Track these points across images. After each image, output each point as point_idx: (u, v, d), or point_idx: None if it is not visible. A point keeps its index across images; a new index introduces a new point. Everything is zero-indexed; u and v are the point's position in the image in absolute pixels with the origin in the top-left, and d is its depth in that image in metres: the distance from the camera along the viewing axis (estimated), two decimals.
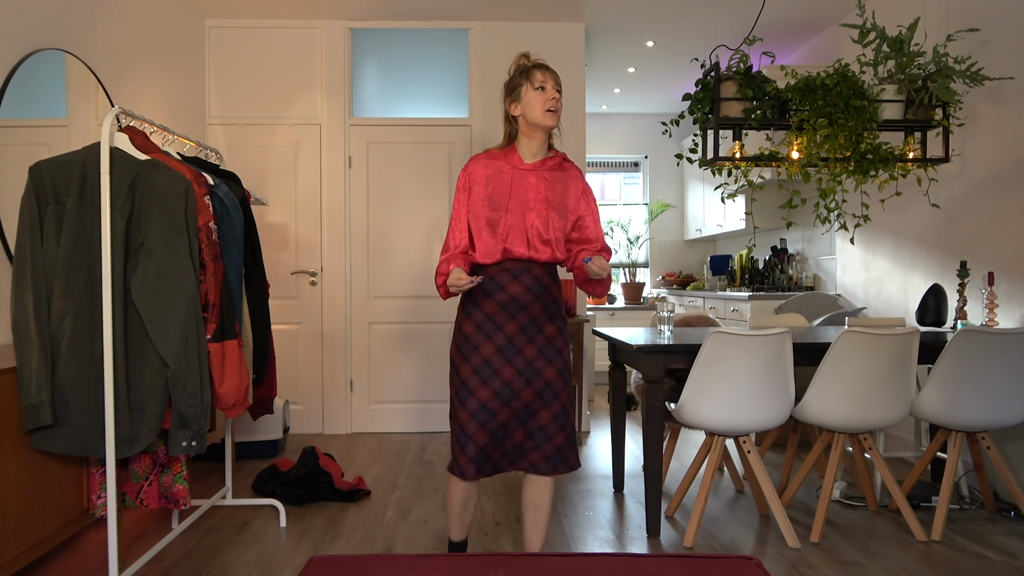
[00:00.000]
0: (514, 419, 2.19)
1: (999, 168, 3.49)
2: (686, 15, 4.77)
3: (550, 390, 2.19)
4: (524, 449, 2.22)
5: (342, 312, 4.87)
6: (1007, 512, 3.19)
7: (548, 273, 2.25)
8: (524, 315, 2.19)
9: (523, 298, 2.19)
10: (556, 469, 2.21)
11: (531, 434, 2.21)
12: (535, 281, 2.21)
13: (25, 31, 2.85)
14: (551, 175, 2.26)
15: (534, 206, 2.21)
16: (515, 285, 2.19)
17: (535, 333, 2.20)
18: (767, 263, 5.71)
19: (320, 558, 1.55)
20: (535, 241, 2.19)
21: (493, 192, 2.21)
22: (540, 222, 2.20)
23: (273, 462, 3.63)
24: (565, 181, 2.29)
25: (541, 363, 2.19)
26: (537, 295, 2.21)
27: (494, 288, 2.20)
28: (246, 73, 4.83)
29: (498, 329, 2.19)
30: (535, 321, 2.20)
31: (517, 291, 2.19)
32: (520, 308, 2.19)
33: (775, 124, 3.44)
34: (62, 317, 2.26)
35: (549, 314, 2.23)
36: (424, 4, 4.61)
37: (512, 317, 2.19)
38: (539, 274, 2.22)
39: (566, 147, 4.94)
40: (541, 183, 2.23)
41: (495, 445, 2.19)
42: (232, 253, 2.63)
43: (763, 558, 2.72)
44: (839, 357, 2.81)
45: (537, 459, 2.21)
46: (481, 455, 2.17)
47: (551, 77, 2.22)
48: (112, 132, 2.33)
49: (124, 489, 2.54)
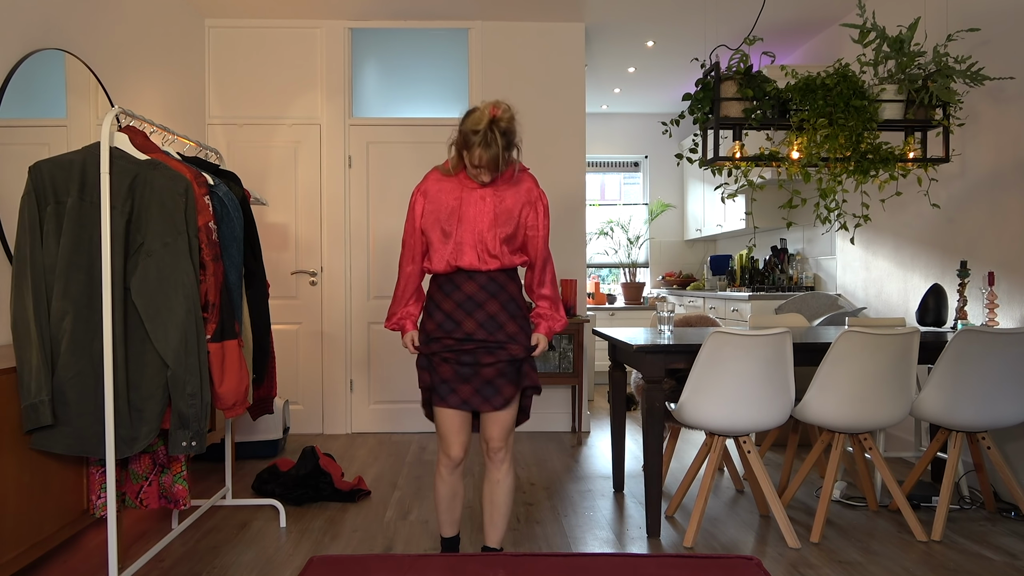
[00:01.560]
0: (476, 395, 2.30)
1: (999, 168, 3.49)
2: (686, 15, 4.77)
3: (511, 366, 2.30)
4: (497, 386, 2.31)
5: (342, 312, 4.86)
6: (1007, 512, 3.19)
7: (504, 273, 2.31)
8: (481, 312, 2.27)
9: (478, 296, 2.27)
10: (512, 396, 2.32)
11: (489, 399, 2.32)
12: (489, 279, 2.28)
13: (25, 31, 2.85)
14: (498, 189, 2.30)
15: (484, 221, 2.26)
16: (470, 284, 2.27)
17: (495, 329, 2.27)
18: (767, 263, 5.71)
19: (320, 558, 1.55)
20: (484, 256, 2.26)
21: (445, 208, 2.29)
22: (490, 236, 2.26)
23: (273, 462, 3.63)
24: (516, 191, 2.31)
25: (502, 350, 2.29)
26: (492, 293, 2.27)
27: (451, 288, 2.30)
28: (246, 73, 4.83)
29: (457, 326, 2.28)
30: (494, 318, 2.27)
31: (472, 289, 2.27)
32: (476, 306, 2.27)
33: (775, 124, 3.44)
34: (62, 317, 2.26)
35: (509, 312, 2.29)
36: (424, 4, 4.61)
37: (469, 315, 2.27)
38: (494, 274, 2.29)
39: (566, 147, 4.95)
40: (491, 198, 2.28)
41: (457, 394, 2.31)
42: (232, 253, 2.63)
43: (763, 558, 2.72)
44: (839, 357, 2.80)
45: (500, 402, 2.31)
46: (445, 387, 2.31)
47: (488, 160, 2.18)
48: (112, 132, 2.33)
49: (124, 489, 2.54)
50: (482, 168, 2.21)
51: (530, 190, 2.34)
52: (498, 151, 2.17)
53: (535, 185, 2.36)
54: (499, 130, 2.17)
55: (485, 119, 2.16)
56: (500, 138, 2.17)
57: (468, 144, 2.19)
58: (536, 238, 2.35)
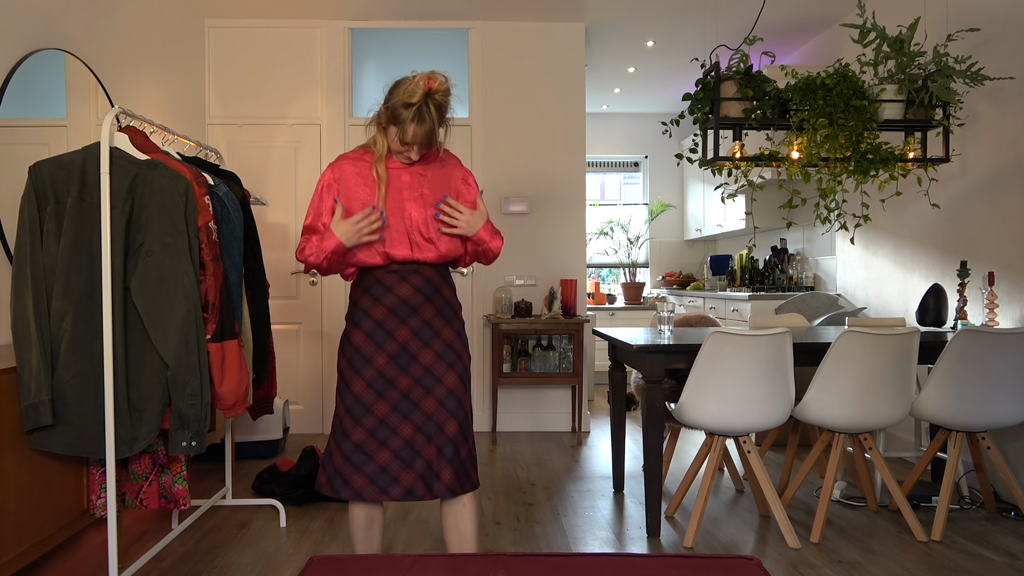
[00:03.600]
0: (419, 434, 2.01)
1: (999, 168, 3.49)
2: (686, 15, 4.77)
3: (453, 398, 2.02)
4: (436, 469, 2.00)
5: (342, 312, 4.86)
6: (1007, 512, 3.19)
7: (438, 274, 2.09)
8: (416, 319, 2.04)
9: (413, 300, 2.04)
10: (463, 488, 2.01)
11: (441, 450, 2.00)
12: (425, 282, 2.05)
13: (25, 31, 2.85)
14: (426, 169, 2.09)
15: (410, 203, 2.04)
16: (403, 287, 2.04)
17: (430, 337, 2.05)
18: (767, 263, 5.71)
19: (320, 558, 1.55)
20: (417, 238, 2.03)
21: (362, 192, 2.04)
22: (419, 218, 2.03)
23: (273, 462, 3.63)
24: (443, 172, 2.11)
25: (440, 368, 2.03)
26: (428, 296, 2.06)
27: (381, 292, 2.04)
28: (246, 73, 4.83)
29: (389, 336, 2.03)
30: (428, 324, 2.05)
31: (406, 293, 2.04)
32: (411, 311, 2.04)
33: (775, 124, 3.44)
34: (62, 317, 2.26)
35: (444, 317, 2.08)
36: (424, 4, 4.61)
37: (403, 322, 2.03)
38: (429, 275, 2.06)
39: (566, 147, 4.95)
40: (415, 179, 2.06)
41: (402, 465, 2.00)
42: (232, 253, 2.63)
43: (763, 558, 2.72)
44: (839, 357, 2.80)
45: (449, 478, 1.99)
46: (385, 475, 1.99)
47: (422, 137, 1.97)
48: (112, 132, 2.33)
49: (124, 489, 2.54)
50: (412, 146, 2.00)
51: (458, 168, 2.15)
52: (433, 126, 1.97)
53: (461, 164, 2.18)
54: (434, 104, 1.95)
55: (420, 91, 1.94)
56: (435, 112, 1.96)
57: (398, 119, 1.96)
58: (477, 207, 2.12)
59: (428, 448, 2.01)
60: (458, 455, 2.02)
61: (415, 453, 2.00)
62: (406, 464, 2.00)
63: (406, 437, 2.01)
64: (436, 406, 2.02)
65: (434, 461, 2.00)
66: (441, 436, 2.01)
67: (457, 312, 2.15)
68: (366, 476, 2.00)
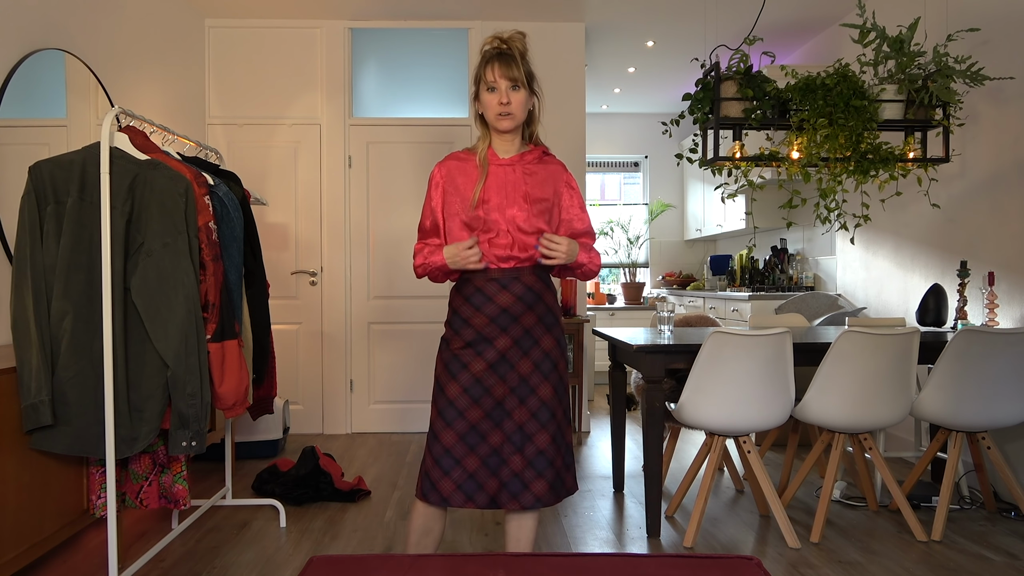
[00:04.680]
0: (507, 443, 1.98)
1: (999, 168, 3.49)
2: (686, 15, 4.77)
3: (546, 409, 2.00)
4: (525, 479, 1.97)
5: (342, 312, 4.86)
6: (1007, 512, 3.19)
7: (540, 280, 2.04)
8: (517, 327, 2.00)
9: (514, 309, 2.00)
10: (558, 497, 2.00)
11: (531, 462, 1.98)
12: (526, 289, 2.01)
13: (25, 31, 2.85)
14: (530, 168, 2.06)
15: (515, 202, 2.00)
16: (504, 295, 2.00)
17: (530, 346, 2.01)
18: (767, 263, 5.71)
19: (320, 558, 1.55)
20: (518, 236, 2.00)
21: (469, 190, 2.02)
22: (522, 218, 2.00)
23: (273, 462, 3.63)
24: (547, 174, 2.08)
25: (536, 379, 2.01)
26: (529, 305, 2.01)
27: (482, 301, 2.00)
28: (246, 73, 4.83)
29: (490, 345, 1.99)
30: (530, 333, 2.01)
31: (507, 302, 1.99)
32: (512, 320, 2.00)
33: (775, 124, 3.44)
34: (62, 317, 2.26)
35: (545, 325, 2.04)
36: (424, 4, 4.61)
37: (504, 331, 2.00)
38: (530, 282, 2.02)
39: (566, 147, 4.94)
40: (520, 178, 2.03)
41: (488, 472, 1.98)
42: (232, 253, 2.63)
43: (763, 558, 2.72)
44: (839, 357, 2.80)
45: (541, 489, 1.97)
46: (471, 481, 1.97)
47: (505, 73, 1.96)
48: (112, 132, 2.33)
49: (124, 489, 2.54)
50: (507, 102, 1.96)
51: (563, 171, 2.12)
52: (517, 65, 1.95)
53: (564, 167, 2.14)
54: (513, 46, 1.97)
55: (492, 37, 1.99)
56: (516, 54, 1.96)
57: (483, 69, 1.97)
58: (572, 220, 2.10)
59: (515, 459, 1.98)
60: (552, 466, 1.99)
61: (502, 461, 1.98)
62: (492, 472, 1.98)
63: (495, 445, 1.99)
64: (528, 417, 1.99)
65: (523, 472, 1.98)
66: (531, 447, 1.98)
67: (558, 319, 2.10)
68: (453, 482, 1.97)
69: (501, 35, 2.00)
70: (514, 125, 2.01)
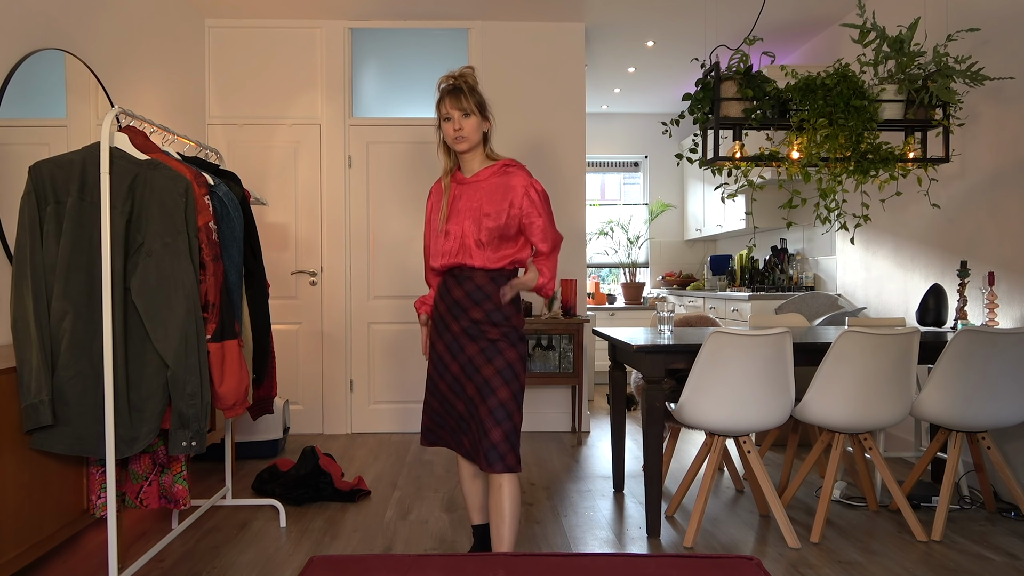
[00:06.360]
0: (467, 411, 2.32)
1: (999, 168, 3.49)
2: (686, 15, 4.77)
3: (487, 386, 2.26)
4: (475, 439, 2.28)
5: (342, 312, 4.86)
6: (1007, 512, 3.19)
7: (491, 281, 2.32)
8: (465, 318, 2.32)
9: (463, 303, 2.32)
10: (492, 466, 2.20)
11: (479, 424, 2.27)
12: (476, 288, 2.31)
13: (25, 31, 2.85)
14: (489, 183, 2.33)
15: (467, 215, 2.31)
16: (457, 290, 2.34)
17: (477, 335, 2.31)
18: (767, 263, 5.71)
19: (320, 558, 1.55)
20: (470, 244, 2.30)
21: (440, 209, 2.39)
22: (472, 228, 2.29)
23: (273, 462, 3.63)
24: (503, 187, 2.31)
25: (480, 361, 2.29)
26: (477, 301, 2.31)
27: (444, 292, 2.38)
28: (246, 73, 4.83)
29: (446, 328, 2.36)
30: (477, 325, 2.31)
31: (458, 295, 2.33)
32: (461, 311, 2.32)
33: (775, 124, 3.44)
34: (62, 317, 2.26)
35: (492, 321, 2.30)
36: (424, 4, 4.61)
37: (455, 319, 2.34)
38: (481, 282, 2.31)
39: (566, 147, 4.95)
40: (477, 192, 2.33)
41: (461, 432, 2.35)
42: (232, 253, 2.63)
43: (763, 558, 2.72)
44: (839, 357, 2.80)
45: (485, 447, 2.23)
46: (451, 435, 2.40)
47: (456, 104, 2.28)
48: (112, 132, 2.33)
49: (124, 489, 2.54)
50: (460, 129, 2.28)
51: (521, 180, 2.32)
52: (465, 94, 2.27)
53: (527, 175, 2.34)
54: (463, 82, 2.29)
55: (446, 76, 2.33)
56: (466, 88, 2.28)
57: (440, 103, 2.31)
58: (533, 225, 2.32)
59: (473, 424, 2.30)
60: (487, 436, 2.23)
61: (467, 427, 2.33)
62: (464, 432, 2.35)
63: (460, 411, 2.35)
64: (475, 391, 2.30)
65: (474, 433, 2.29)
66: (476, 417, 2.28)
67: (509, 318, 2.33)
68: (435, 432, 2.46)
69: (453, 73, 2.33)
70: (469, 146, 2.32)
